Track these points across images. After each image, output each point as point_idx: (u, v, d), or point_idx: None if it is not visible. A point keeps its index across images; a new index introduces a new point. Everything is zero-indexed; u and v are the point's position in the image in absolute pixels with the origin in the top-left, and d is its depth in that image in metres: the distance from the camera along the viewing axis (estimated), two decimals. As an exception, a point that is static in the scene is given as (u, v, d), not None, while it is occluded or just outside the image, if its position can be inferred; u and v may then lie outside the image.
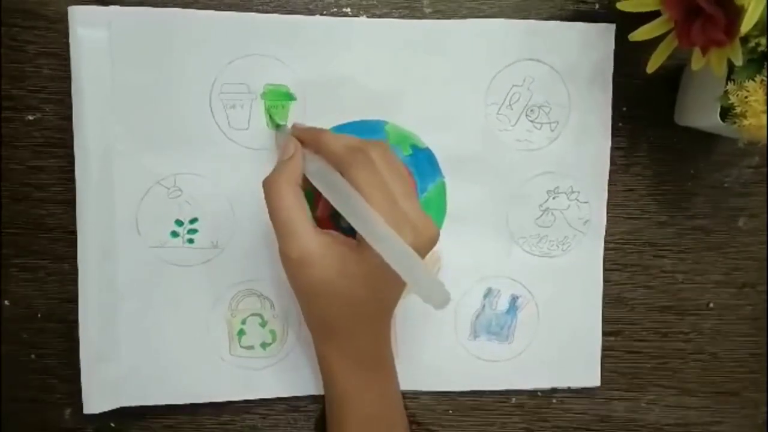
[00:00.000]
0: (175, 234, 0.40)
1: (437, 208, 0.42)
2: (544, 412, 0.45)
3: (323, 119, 0.40)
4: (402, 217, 0.31)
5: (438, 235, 0.33)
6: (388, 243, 0.29)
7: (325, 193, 0.33)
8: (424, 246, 0.32)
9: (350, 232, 0.32)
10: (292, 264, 0.33)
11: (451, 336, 0.43)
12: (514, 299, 0.44)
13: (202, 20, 0.39)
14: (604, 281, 0.44)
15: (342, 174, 0.32)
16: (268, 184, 0.34)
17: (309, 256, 0.32)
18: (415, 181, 0.41)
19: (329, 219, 0.36)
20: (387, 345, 0.38)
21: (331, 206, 0.32)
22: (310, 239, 0.32)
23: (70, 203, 0.40)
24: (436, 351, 0.43)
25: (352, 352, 0.36)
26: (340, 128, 0.40)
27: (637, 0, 0.36)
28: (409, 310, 0.42)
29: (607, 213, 0.44)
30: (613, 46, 0.42)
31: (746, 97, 0.34)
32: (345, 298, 0.33)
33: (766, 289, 0.46)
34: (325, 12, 0.41)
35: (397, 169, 0.33)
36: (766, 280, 0.46)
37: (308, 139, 0.36)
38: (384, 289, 0.34)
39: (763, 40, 0.34)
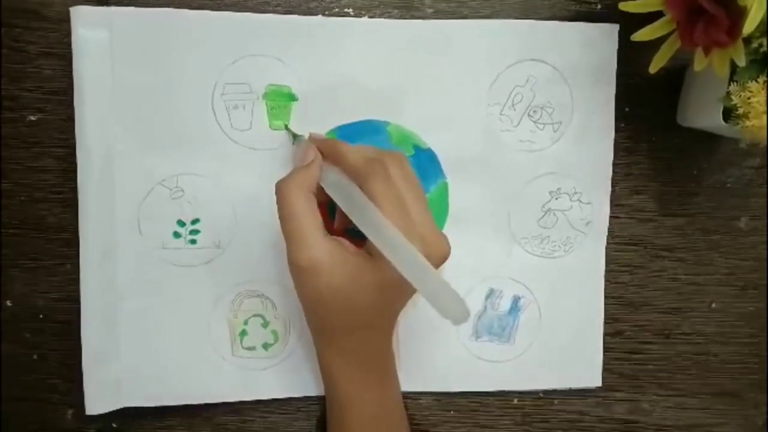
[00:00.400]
0: (177, 234, 0.40)
1: (439, 208, 0.42)
2: (546, 412, 0.45)
3: (325, 120, 0.40)
4: (413, 231, 0.31)
5: (449, 252, 0.33)
6: (406, 257, 0.29)
7: (342, 205, 0.33)
8: (433, 262, 0.32)
9: (359, 237, 0.32)
10: (300, 272, 0.33)
11: (452, 337, 0.43)
12: (515, 300, 0.44)
13: (203, 20, 0.39)
14: (606, 282, 0.44)
15: (359, 185, 0.32)
16: (280, 189, 0.33)
17: (317, 264, 0.32)
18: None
19: (344, 233, 0.36)
20: (389, 348, 0.38)
21: (348, 221, 0.32)
22: (319, 247, 0.32)
23: (71, 203, 0.40)
24: (438, 352, 0.43)
25: (354, 356, 0.36)
26: (343, 129, 0.40)
27: (640, 0, 0.36)
28: (411, 311, 0.42)
29: (610, 214, 0.44)
30: (616, 47, 0.42)
31: (749, 98, 0.34)
32: (352, 306, 0.33)
33: (766, 288, 0.46)
34: (326, 12, 0.41)
35: (413, 182, 0.33)
36: (766, 280, 0.46)
37: (326, 150, 0.36)
38: (394, 298, 0.34)
39: (765, 41, 0.34)
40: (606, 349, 0.44)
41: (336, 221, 0.36)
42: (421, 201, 0.33)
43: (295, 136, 0.39)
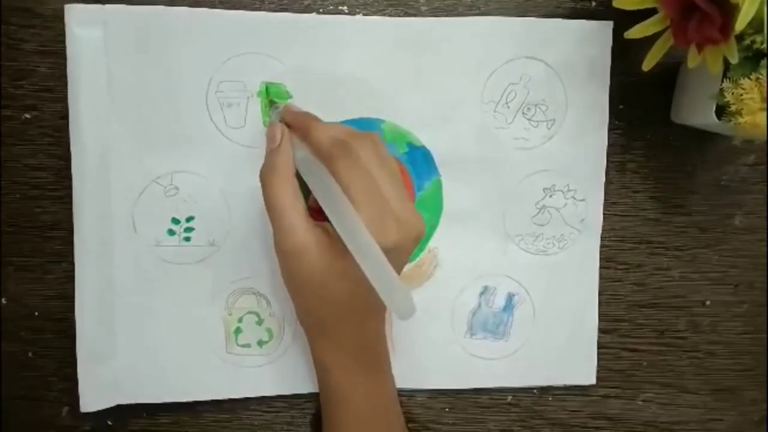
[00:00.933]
0: (171, 232, 0.41)
1: (434, 206, 0.42)
2: (540, 409, 0.45)
3: (319, 117, 0.40)
4: (385, 211, 0.31)
5: (423, 231, 0.33)
6: (360, 244, 0.29)
7: (309, 183, 0.33)
8: (408, 242, 0.32)
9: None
10: (285, 256, 0.34)
11: (447, 334, 0.43)
12: (510, 297, 0.44)
13: (198, 18, 0.39)
14: (600, 279, 0.44)
15: (326, 166, 0.32)
16: (264, 178, 0.34)
17: (299, 250, 0.32)
18: (412, 178, 0.41)
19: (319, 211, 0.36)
20: (380, 342, 0.38)
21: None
22: (305, 233, 0.33)
23: (67, 201, 0.40)
24: (433, 349, 0.43)
25: (344, 349, 0.36)
26: (337, 126, 0.40)
27: (633, -2, 0.36)
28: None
29: (604, 211, 0.44)
30: (610, 44, 0.42)
31: (742, 95, 0.34)
32: (333, 293, 0.33)
33: (766, 286, 0.46)
34: (321, 10, 0.41)
35: (386, 162, 0.33)
36: (766, 278, 0.46)
37: (297, 126, 0.35)
38: (370, 287, 0.34)
39: (758, 38, 0.34)
40: (600, 346, 0.45)
41: (309, 198, 0.36)
42: (395, 182, 0.33)
43: (271, 103, 0.39)
